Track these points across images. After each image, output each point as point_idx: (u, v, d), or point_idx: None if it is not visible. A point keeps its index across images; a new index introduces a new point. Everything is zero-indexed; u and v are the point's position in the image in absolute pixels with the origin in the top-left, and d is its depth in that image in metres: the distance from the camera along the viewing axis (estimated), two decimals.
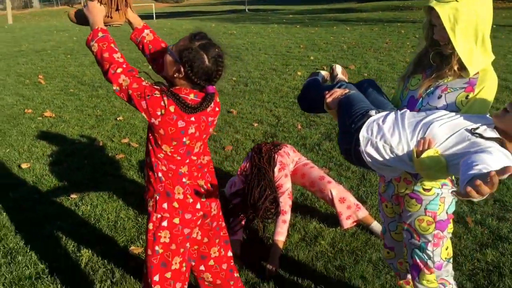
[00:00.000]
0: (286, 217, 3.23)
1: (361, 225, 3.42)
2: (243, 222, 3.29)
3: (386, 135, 1.86)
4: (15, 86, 8.04)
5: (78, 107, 6.74)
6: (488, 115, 1.90)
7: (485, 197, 1.33)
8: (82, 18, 2.09)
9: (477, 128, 1.76)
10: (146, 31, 2.19)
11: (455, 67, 1.96)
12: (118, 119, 6.13)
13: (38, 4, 56.74)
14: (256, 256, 3.17)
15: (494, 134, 1.75)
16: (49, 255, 3.20)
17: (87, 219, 3.67)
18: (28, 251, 3.25)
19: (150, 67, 2.25)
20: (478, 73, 1.96)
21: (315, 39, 12.55)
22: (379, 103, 2.13)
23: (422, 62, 2.11)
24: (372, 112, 1.97)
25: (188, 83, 1.94)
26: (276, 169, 3.32)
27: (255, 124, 5.78)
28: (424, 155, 1.72)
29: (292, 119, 5.96)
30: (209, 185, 2.15)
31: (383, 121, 1.91)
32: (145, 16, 23.77)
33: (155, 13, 33.50)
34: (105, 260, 3.14)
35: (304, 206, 3.79)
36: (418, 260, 2.07)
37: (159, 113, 1.88)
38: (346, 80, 2.53)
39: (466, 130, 1.76)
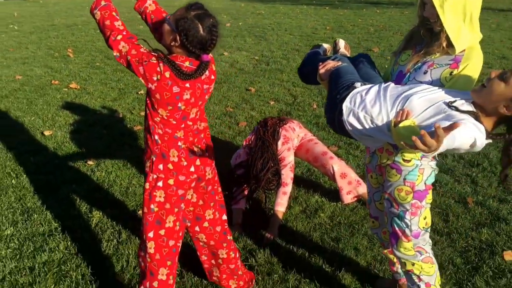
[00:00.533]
0: (287, 189, 3.33)
1: (362, 201, 3.50)
2: (246, 192, 3.42)
3: (368, 106, 1.94)
4: (44, 58, 8.31)
5: (102, 80, 6.94)
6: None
7: (433, 151, 1.40)
8: None
9: (454, 101, 1.82)
10: (149, 1, 2.29)
11: (444, 44, 2.02)
12: (139, 93, 6.30)
13: None
14: (257, 225, 3.30)
15: (471, 108, 1.81)
16: (62, 215, 3.41)
17: (101, 184, 3.86)
18: (43, 210, 3.46)
19: None
20: (464, 50, 2.02)
21: (343, 21, 12.45)
22: (369, 76, 2.20)
23: (413, 39, 2.18)
24: (357, 84, 2.04)
25: (184, 51, 2.05)
26: (279, 143, 3.42)
27: (272, 102, 5.87)
28: (400, 125, 1.79)
29: (309, 98, 6.02)
30: (205, 150, 2.27)
31: (366, 93, 1.98)
32: None
33: None
34: (114, 222, 3.32)
35: (309, 181, 3.88)
36: (397, 228, 2.16)
37: (155, 78, 1.99)
38: (348, 55, 2.60)
39: (444, 103, 1.82)
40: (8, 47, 9.14)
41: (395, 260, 2.45)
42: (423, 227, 2.15)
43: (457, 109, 1.79)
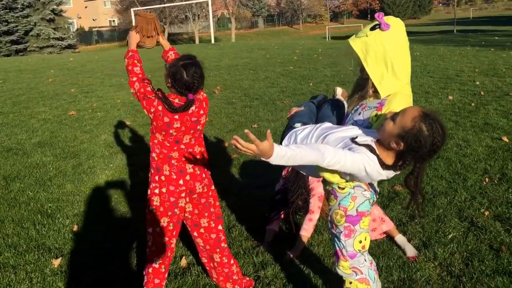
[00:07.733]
0: (313, 216, 3.68)
1: (389, 237, 3.64)
2: (282, 216, 3.85)
3: (298, 142, 2.33)
4: None
5: (229, 114, 7.91)
6: None
7: (259, 155, 1.83)
8: (127, 42, 3.01)
9: (356, 137, 2.13)
10: (171, 52, 3.00)
11: (370, 90, 2.32)
12: (253, 126, 7.08)
13: (263, 25, 63.00)
14: (284, 246, 3.69)
15: (369, 142, 2.10)
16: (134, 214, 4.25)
17: None
18: (121, 211, 4.36)
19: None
20: (389, 95, 2.28)
21: (498, 64, 11.76)
22: (324, 116, 2.58)
23: (359, 85, 2.49)
24: (298, 124, 2.46)
25: (175, 90, 2.68)
26: None
27: None
28: None
29: None
30: (196, 169, 2.84)
31: (301, 132, 2.38)
32: None
33: None
34: None
35: None
36: (337, 248, 2.44)
37: (152, 110, 2.66)
38: (344, 101, 2.98)
39: (350, 139, 2.14)
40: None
41: None
42: (358, 250, 2.39)
43: (356, 143, 2.10)
